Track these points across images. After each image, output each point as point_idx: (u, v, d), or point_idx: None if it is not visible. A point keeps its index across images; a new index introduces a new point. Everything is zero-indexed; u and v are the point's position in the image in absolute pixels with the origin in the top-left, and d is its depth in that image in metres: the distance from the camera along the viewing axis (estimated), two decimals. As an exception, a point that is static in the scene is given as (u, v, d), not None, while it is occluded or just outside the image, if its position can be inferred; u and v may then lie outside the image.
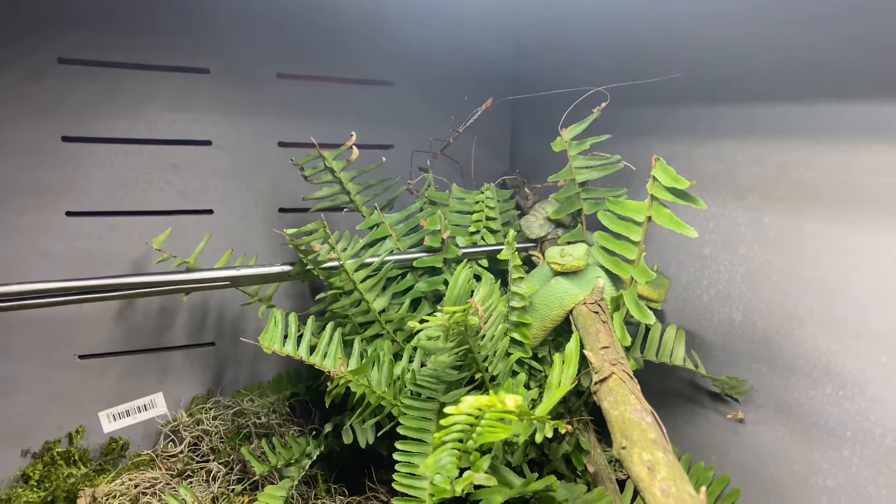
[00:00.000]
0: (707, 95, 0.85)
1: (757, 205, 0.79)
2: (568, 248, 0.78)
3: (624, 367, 0.64)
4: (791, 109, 0.74)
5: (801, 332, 0.75)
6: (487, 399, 0.52)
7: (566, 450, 0.84)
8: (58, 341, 0.97)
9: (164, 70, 0.98)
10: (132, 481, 0.88)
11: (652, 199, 0.70)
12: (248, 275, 0.82)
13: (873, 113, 0.66)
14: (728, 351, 0.85)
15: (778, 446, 0.79)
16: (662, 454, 0.53)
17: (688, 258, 0.90)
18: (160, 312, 1.02)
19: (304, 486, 0.91)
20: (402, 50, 1.13)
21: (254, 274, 0.83)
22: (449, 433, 0.58)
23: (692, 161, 0.88)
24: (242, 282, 0.82)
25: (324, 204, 0.95)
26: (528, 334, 0.79)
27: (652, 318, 0.72)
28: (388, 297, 0.89)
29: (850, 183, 0.69)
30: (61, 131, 0.93)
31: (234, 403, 1.01)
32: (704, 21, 0.85)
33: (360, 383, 0.76)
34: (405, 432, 0.74)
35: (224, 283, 0.81)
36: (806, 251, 0.74)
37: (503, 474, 0.74)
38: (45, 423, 0.98)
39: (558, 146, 0.87)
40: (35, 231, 0.93)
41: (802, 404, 0.76)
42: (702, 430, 0.90)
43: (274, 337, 0.77)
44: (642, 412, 0.58)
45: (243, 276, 0.82)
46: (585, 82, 0.89)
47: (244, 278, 0.82)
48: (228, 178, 1.04)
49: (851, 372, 0.70)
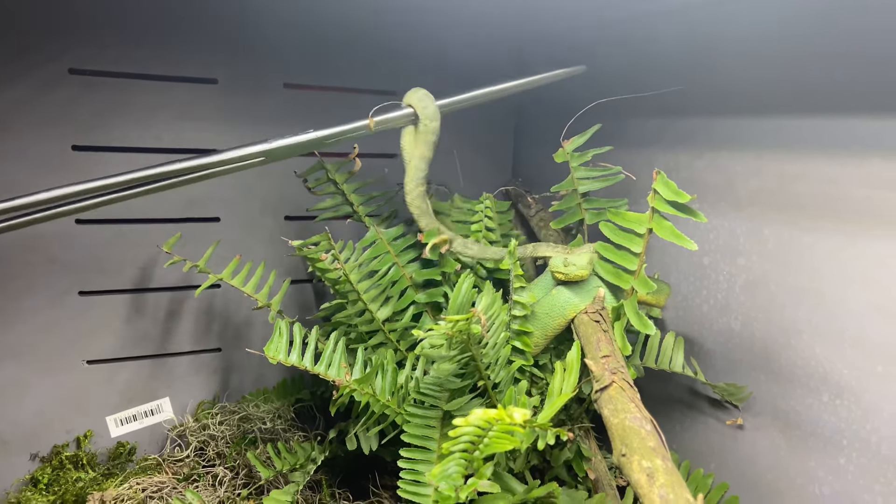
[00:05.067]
0: (707, 108, 0.87)
1: (756, 216, 0.81)
2: (571, 258, 0.80)
3: (624, 376, 0.66)
4: (789, 123, 0.76)
5: (799, 342, 0.77)
6: (496, 413, 0.53)
7: (567, 456, 0.85)
8: (66, 347, 0.98)
9: (172, 80, 1.00)
10: (140, 485, 0.89)
11: (653, 211, 0.71)
12: (282, 146, 0.80)
13: (869, 127, 0.68)
14: (727, 360, 0.86)
15: (775, 454, 0.81)
16: (661, 461, 0.54)
17: (688, 268, 0.91)
18: (167, 318, 1.04)
19: (308, 490, 0.92)
20: (406, 61, 1.15)
21: (287, 145, 0.81)
22: (457, 443, 0.59)
23: (692, 172, 0.89)
24: (277, 154, 0.80)
25: (327, 214, 0.97)
26: (530, 342, 0.81)
27: (652, 328, 0.73)
28: (392, 307, 0.90)
29: (847, 196, 0.71)
30: (72, 140, 0.95)
31: (239, 409, 1.02)
32: (705, 35, 0.86)
33: (365, 392, 0.78)
34: (409, 440, 0.75)
35: (259, 158, 0.80)
36: (804, 263, 0.76)
37: (506, 481, 0.76)
38: (53, 427, 0.99)
39: (560, 157, 0.89)
40: (46, 238, 0.95)
41: (800, 412, 0.77)
42: (701, 437, 0.92)
43: (279, 347, 0.78)
44: (642, 420, 0.59)
45: (277, 149, 0.80)
46: (588, 94, 0.91)
47: (278, 150, 0.80)
48: (235, 187, 1.06)
49: (848, 381, 0.72)
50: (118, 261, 1.00)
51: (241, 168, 0.80)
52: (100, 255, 0.98)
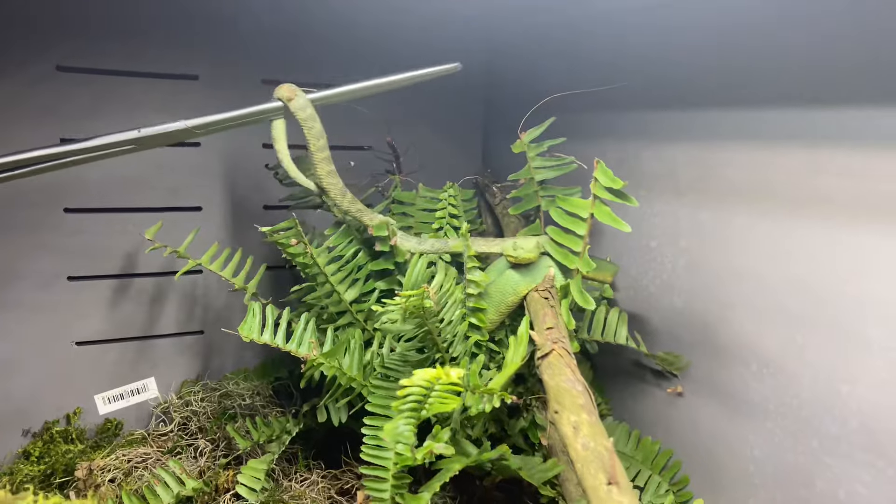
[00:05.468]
0: (652, 102, 0.93)
1: (694, 201, 0.88)
2: (520, 242, 0.86)
3: (564, 345, 0.72)
4: (721, 115, 0.83)
5: (732, 317, 0.83)
6: (436, 372, 0.60)
7: (523, 425, 0.92)
8: (57, 329, 1.04)
9: (155, 77, 1.05)
10: (125, 456, 0.95)
11: (594, 197, 0.78)
12: (152, 135, 0.84)
13: (791, 117, 0.75)
14: (671, 336, 0.93)
15: (714, 421, 0.87)
16: (587, 416, 0.61)
17: (636, 252, 0.98)
18: (152, 302, 1.10)
19: (285, 462, 0.99)
20: (377, 57, 1.21)
21: (157, 133, 0.84)
22: (405, 402, 0.66)
23: (640, 162, 0.96)
24: (146, 143, 0.83)
25: (298, 204, 1.02)
26: (485, 319, 0.87)
27: (593, 304, 0.80)
28: (359, 289, 0.96)
29: (771, 180, 0.77)
30: (59, 134, 1.00)
31: (220, 387, 1.09)
32: (651, 34, 0.93)
33: (332, 366, 0.84)
34: (373, 409, 0.82)
35: (129, 146, 0.83)
36: (735, 243, 0.82)
37: (462, 445, 0.82)
38: (44, 405, 1.05)
39: (518, 148, 0.95)
40: (35, 226, 1.01)
41: (734, 381, 0.84)
42: (649, 407, 0.98)
43: (252, 327, 0.84)
44: (574, 382, 0.66)
45: (146, 138, 0.83)
46: (549, 88, 0.97)
47: (148, 139, 0.84)
48: (216, 178, 1.12)
49: (773, 351, 0.78)
50: (105, 248, 1.06)
51: (111, 155, 0.83)
52: (87, 242, 1.04)
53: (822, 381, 0.73)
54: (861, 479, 0.69)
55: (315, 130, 0.89)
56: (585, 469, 0.55)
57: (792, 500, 0.77)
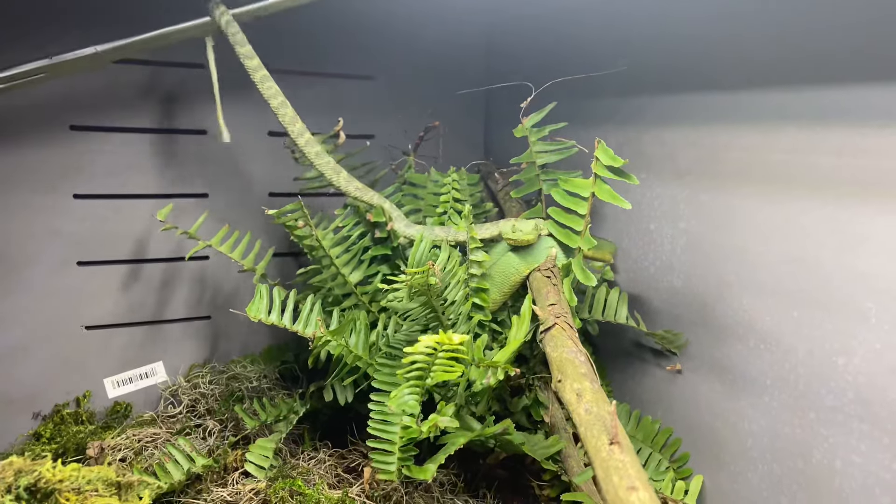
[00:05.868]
0: (652, 86, 0.95)
1: (693, 183, 0.89)
2: (518, 224, 0.88)
3: (567, 319, 0.74)
4: (717, 98, 0.85)
5: (730, 295, 0.85)
6: (440, 336, 0.62)
7: (526, 403, 0.94)
8: (67, 313, 1.06)
9: (163, 65, 1.07)
10: (136, 436, 0.97)
11: (595, 176, 0.80)
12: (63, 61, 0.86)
13: (784, 100, 0.76)
14: (671, 315, 0.95)
15: (712, 397, 0.89)
16: (589, 384, 0.62)
17: (637, 233, 1.00)
18: (161, 287, 1.12)
19: (292, 443, 1.00)
20: (382, 47, 1.23)
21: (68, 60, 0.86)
22: (410, 370, 0.68)
23: (640, 146, 0.98)
24: (59, 70, 0.85)
25: (312, 185, 1.04)
26: (488, 299, 0.89)
27: (594, 280, 0.82)
28: (363, 271, 0.98)
29: (766, 161, 0.79)
30: (69, 121, 1.02)
31: (228, 370, 1.10)
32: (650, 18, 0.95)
33: (339, 343, 0.86)
34: (378, 385, 0.83)
35: (41, 74, 0.85)
36: (732, 223, 0.84)
37: (466, 420, 0.84)
38: (54, 388, 1.07)
39: (520, 132, 0.97)
40: (46, 212, 1.02)
41: (731, 358, 0.86)
42: (649, 386, 1.00)
43: (260, 308, 0.86)
44: (577, 353, 0.67)
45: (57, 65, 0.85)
46: (550, 75, 0.99)
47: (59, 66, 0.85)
48: (222, 165, 1.14)
49: (770, 327, 0.80)
50: (114, 233, 1.07)
51: (25, 85, 0.84)
52: (97, 228, 1.06)
53: (819, 355, 0.75)
54: (857, 449, 0.71)
55: (287, 117, 0.90)
56: (588, 432, 0.57)
57: (790, 471, 0.78)
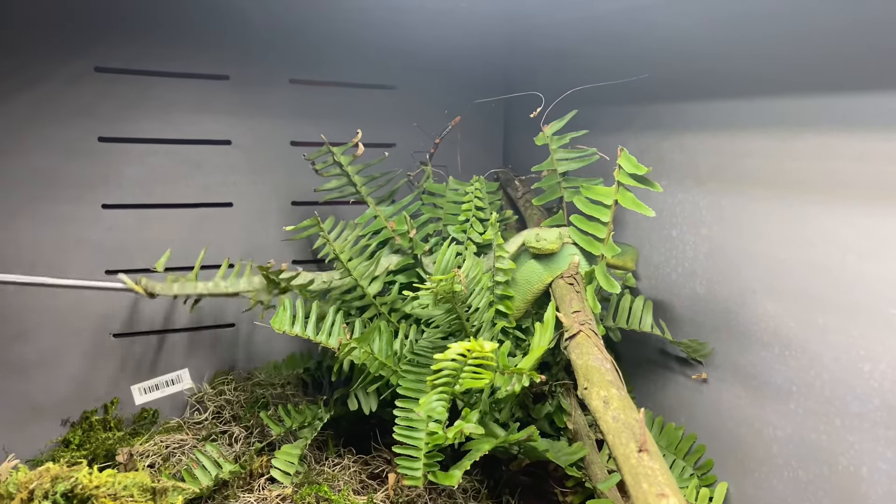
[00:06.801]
0: (672, 93, 0.96)
1: (715, 189, 0.90)
2: (542, 233, 0.89)
3: (591, 327, 0.75)
4: (738, 104, 0.85)
5: (753, 301, 0.85)
6: (470, 343, 0.63)
7: (549, 410, 0.94)
8: (95, 321, 1.08)
9: (188, 77, 1.09)
10: (163, 442, 0.98)
11: (618, 184, 0.80)
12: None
13: (807, 105, 0.77)
14: (694, 322, 0.95)
15: (736, 404, 0.89)
16: (616, 391, 0.63)
17: (658, 240, 1.00)
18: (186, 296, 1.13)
19: (316, 449, 1.01)
20: (402, 56, 1.24)
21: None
22: (439, 377, 0.68)
23: (660, 153, 0.98)
24: None
25: (332, 195, 1.05)
26: (512, 306, 0.89)
27: (618, 287, 0.82)
28: (382, 282, 0.99)
29: (789, 166, 0.79)
30: (97, 132, 1.04)
31: (252, 377, 1.12)
32: (669, 26, 0.95)
33: (364, 350, 0.87)
34: (404, 392, 0.84)
35: None
36: (755, 229, 0.84)
37: (491, 427, 0.85)
38: (83, 395, 1.09)
39: (541, 140, 0.98)
40: (74, 221, 1.04)
41: (756, 364, 0.86)
42: (672, 393, 1.00)
43: (283, 320, 0.87)
44: (602, 360, 0.68)
45: None
46: (569, 82, 0.99)
47: None
48: (246, 175, 1.15)
49: (795, 333, 0.80)
50: (141, 242, 1.09)
51: None
52: (124, 237, 1.08)
53: (844, 361, 0.75)
54: (884, 455, 0.71)
55: None
56: (616, 439, 0.57)
57: (815, 478, 0.78)
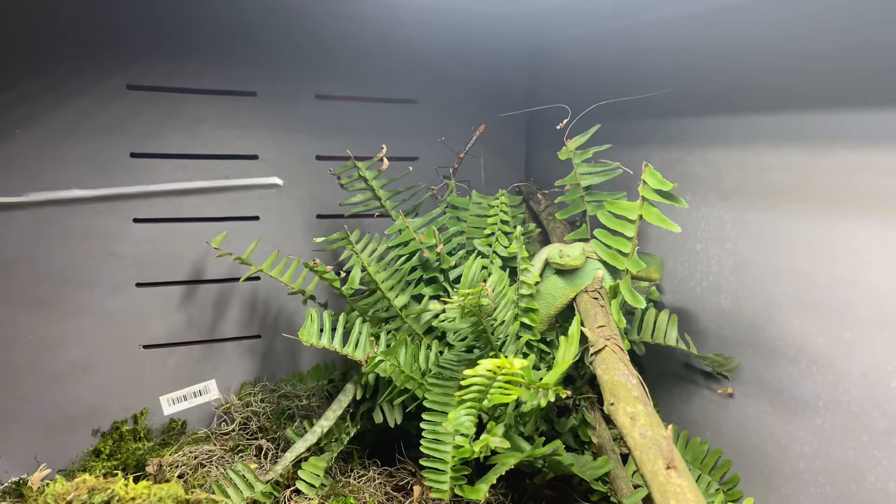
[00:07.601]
0: (696, 108, 0.96)
1: (740, 204, 0.90)
2: (566, 249, 0.89)
3: (617, 342, 0.75)
4: (764, 119, 0.85)
5: (779, 316, 0.85)
6: (500, 361, 0.63)
7: (573, 424, 0.94)
8: (125, 333, 1.10)
9: (216, 94, 1.11)
10: (192, 453, 1.00)
11: (643, 199, 0.81)
12: None
13: (832, 120, 0.77)
14: (719, 336, 0.95)
15: (762, 419, 0.89)
16: (643, 407, 0.63)
17: (682, 254, 1.00)
18: (214, 308, 1.15)
19: (341, 461, 1.02)
20: (425, 71, 1.26)
21: None
22: (468, 393, 0.69)
23: (684, 167, 0.98)
24: None
25: (357, 209, 1.07)
26: (536, 319, 0.90)
27: (643, 302, 0.82)
28: (409, 295, 1.00)
29: (813, 182, 0.79)
30: (129, 148, 1.07)
31: (278, 388, 1.13)
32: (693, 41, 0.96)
33: (391, 363, 0.88)
34: (430, 405, 0.85)
35: None
36: (781, 243, 0.84)
37: (516, 441, 0.85)
38: (112, 405, 1.11)
39: (564, 155, 0.98)
40: (106, 235, 1.07)
41: (782, 380, 0.85)
42: (697, 408, 1.00)
43: (311, 332, 0.89)
44: (629, 376, 0.68)
45: None
46: (592, 97, 1.00)
47: None
48: (272, 188, 1.17)
49: (822, 348, 0.80)
50: (170, 256, 1.11)
51: None
52: (154, 250, 1.10)
53: (872, 377, 0.74)
54: (913, 472, 0.71)
55: None
56: (644, 456, 0.58)
57: (842, 494, 0.78)
